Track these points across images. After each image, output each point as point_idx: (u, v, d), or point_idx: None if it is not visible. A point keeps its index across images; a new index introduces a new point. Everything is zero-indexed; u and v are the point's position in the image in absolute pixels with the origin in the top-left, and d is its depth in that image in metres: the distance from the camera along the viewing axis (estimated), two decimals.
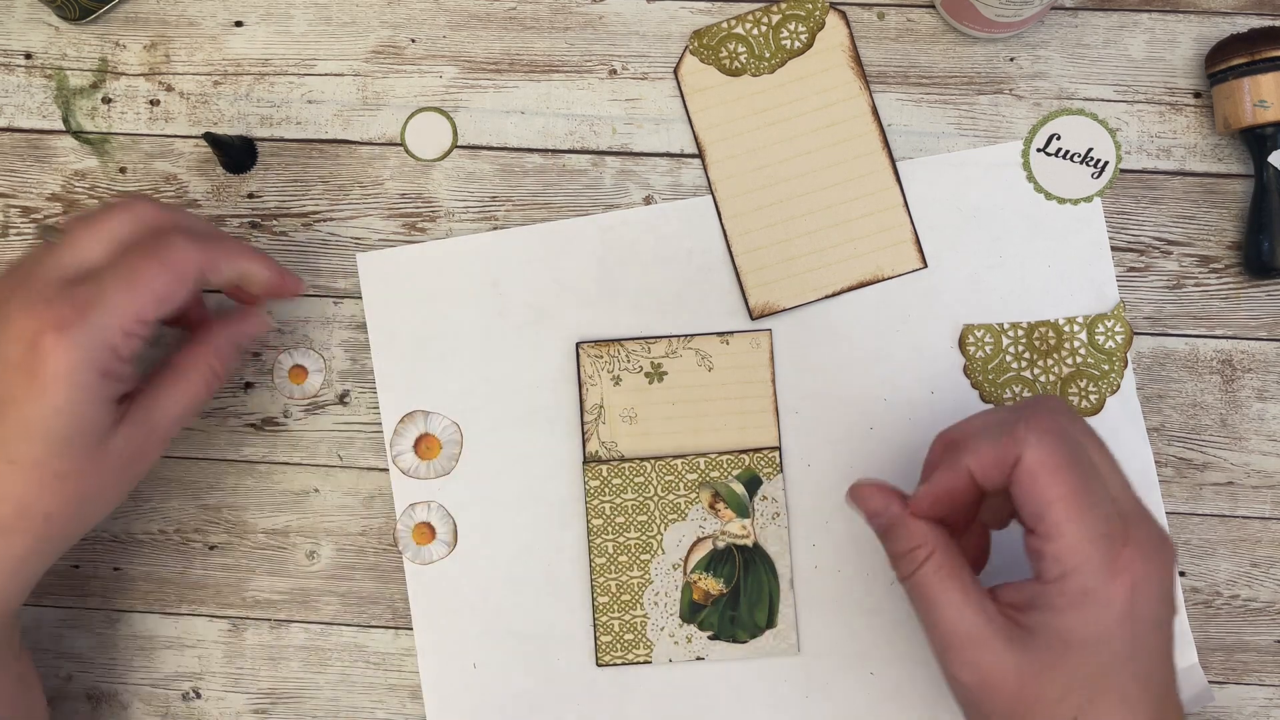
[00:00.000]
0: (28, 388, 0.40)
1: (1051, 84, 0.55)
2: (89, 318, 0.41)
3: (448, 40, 0.56)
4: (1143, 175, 0.55)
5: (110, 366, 0.42)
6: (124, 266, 0.43)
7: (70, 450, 0.41)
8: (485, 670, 0.53)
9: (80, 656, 0.55)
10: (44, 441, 0.41)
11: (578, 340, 0.54)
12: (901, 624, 0.53)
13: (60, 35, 0.57)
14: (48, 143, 0.57)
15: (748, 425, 0.53)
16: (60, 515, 0.42)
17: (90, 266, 0.43)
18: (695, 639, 0.53)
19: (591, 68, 0.56)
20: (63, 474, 0.42)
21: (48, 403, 0.40)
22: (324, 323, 0.55)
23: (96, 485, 0.43)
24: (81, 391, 0.41)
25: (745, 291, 0.54)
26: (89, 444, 0.42)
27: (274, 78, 0.57)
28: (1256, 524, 0.53)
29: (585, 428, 0.54)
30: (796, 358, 0.54)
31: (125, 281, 0.42)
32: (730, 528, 0.53)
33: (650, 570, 0.53)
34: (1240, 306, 0.54)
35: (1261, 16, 0.55)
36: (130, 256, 0.43)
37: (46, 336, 0.40)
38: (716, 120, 0.55)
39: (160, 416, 0.45)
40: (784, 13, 0.55)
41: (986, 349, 0.54)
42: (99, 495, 0.44)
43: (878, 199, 0.54)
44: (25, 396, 0.40)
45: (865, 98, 0.55)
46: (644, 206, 0.55)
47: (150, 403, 0.45)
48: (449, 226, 0.55)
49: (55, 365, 0.40)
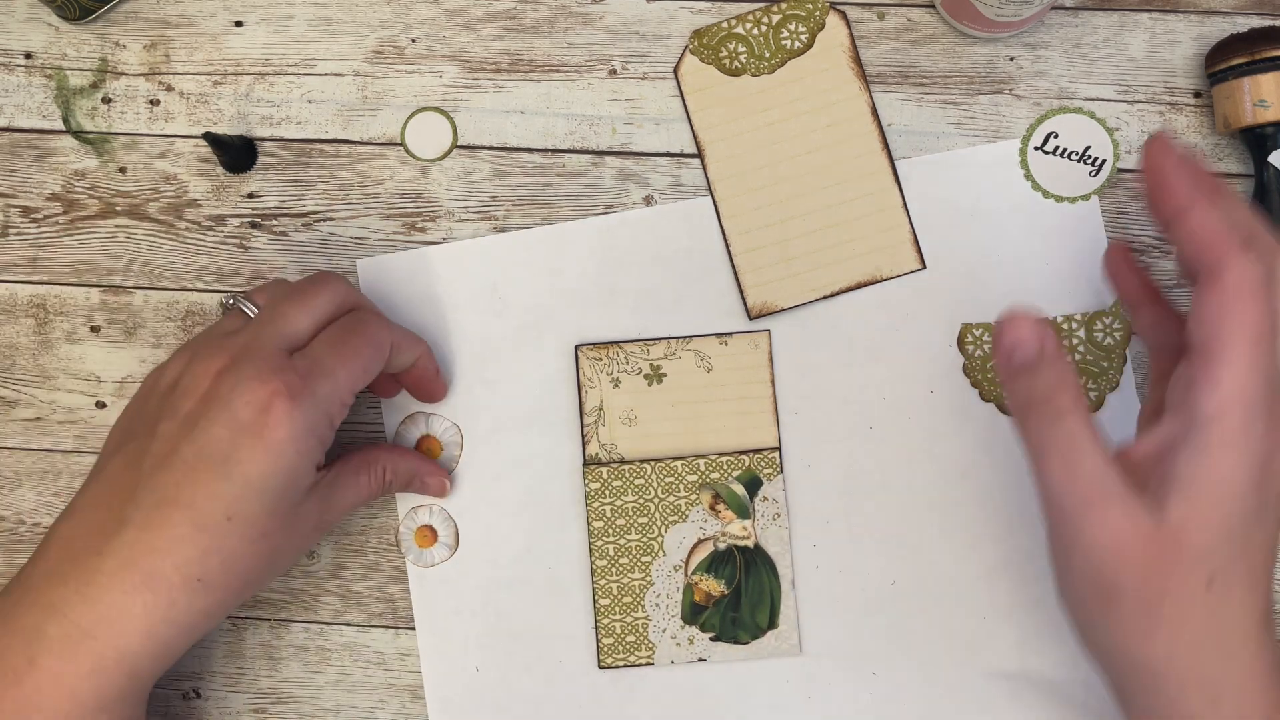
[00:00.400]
0: (254, 449, 0.42)
1: (1051, 84, 0.55)
2: (314, 387, 0.44)
3: (448, 40, 0.56)
4: (1143, 175, 0.54)
5: (325, 435, 0.45)
6: (338, 341, 0.46)
7: (277, 511, 0.44)
8: (487, 673, 0.53)
9: None
10: (260, 500, 0.43)
11: (576, 343, 0.54)
12: (903, 624, 0.53)
13: (60, 35, 0.57)
14: (48, 143, 0.57)
15: (747, 426, 0.53)
16: (254, 575, 0.45)
17: (301, 339, 0.46)
18: (697, 640, 0.53)
19: (591, 68, 0.56)
20: (265, 533, 0.44)
21: (271, 464, 0.43)
22: None
23: (283, 547, 0.45)
24: (301, 457, 0.44)
25: (743, 291, 0.54)
26: (289, 507, 0.44)
27: (274, 78, 0.57)
28: None
29: (585, 430, 0.54)
30: (795, 358, 0.54)
31: (341, 355, 0.45)
32: (731, 529, 0.53)
33: (651, 572, 0.53)
34: None
35: (1261, 16, 0.55)
36: (341, 332, 0.46)
37: (278, 403, 0.43)
38: (716, 120, 0.55)
39: (339, 499, 0.48)
40: (784, 13, 0.55)
41: (985, 347, 0.54)
42: (279, 558, 0.46)
43: (877, 199, 0.54)
44: (251, 457, 0.42)
45: (865, 98, 0.55)
46: (642, 208, 0.55)
47: (334, 481, 0.48)
48: (449, 226, 0.55)
49: (284, 430, 0.43)
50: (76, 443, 0.56)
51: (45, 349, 0.56)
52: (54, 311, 0.56)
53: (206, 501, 0.42)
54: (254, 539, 0.43)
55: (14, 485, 0.56)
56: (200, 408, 0.44)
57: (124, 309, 0.56)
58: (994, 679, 0.52)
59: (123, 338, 0.56)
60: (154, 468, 0.43)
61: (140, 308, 0.56)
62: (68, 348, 0.56)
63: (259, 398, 0.43)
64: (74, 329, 0.56)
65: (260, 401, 0.43)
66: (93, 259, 0.56)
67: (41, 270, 0.56)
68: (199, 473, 0.42)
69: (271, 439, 0.42)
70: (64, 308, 0.56)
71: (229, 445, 0.42)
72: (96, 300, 0.56)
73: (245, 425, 0.42)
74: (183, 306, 0.56)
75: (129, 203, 0.56)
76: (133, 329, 0.56)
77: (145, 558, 0.42)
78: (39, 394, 0.56)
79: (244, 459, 0.42)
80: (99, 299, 0.56)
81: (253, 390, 0.43)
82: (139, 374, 0.56)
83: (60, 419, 0.56)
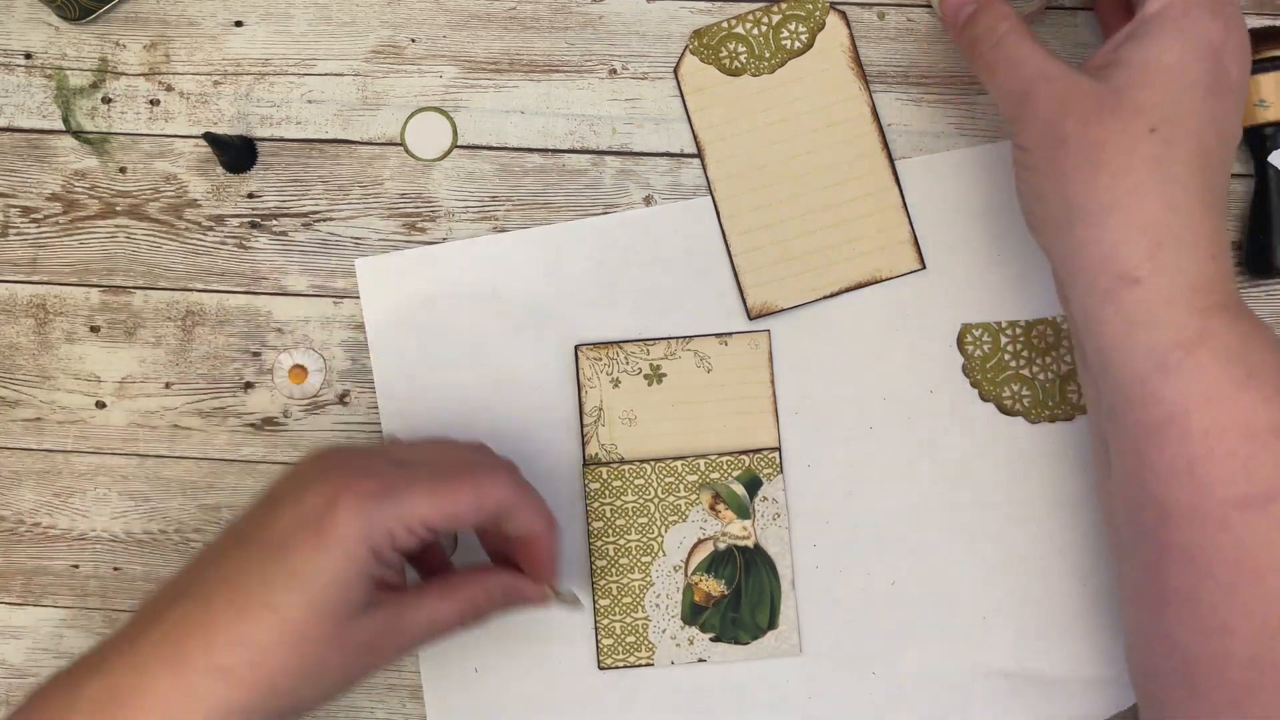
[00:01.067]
0: (306, 540, 0.41)
1: None
2: (387, 498, 0.42)
3: (448, 40, 0.56)
4: None
5: (381, 550, 0.42)
6: (445, 473, 0.44)
7: (322, 615, 0.41)
8: (487, 674, 0.53)
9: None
10: (304, 596, 0.41)
11: (576, 343, 0.54)
12: (903, 624, 0.53)
13: (60, 35, 0.57)
14: (48, 143, 0.57)
15: (747, 426, 0.53)
16: (286, 681, 0.41)
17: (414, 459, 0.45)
18: (697, 641, 0.53)
19: (591, 68, 0.56)
20: (307, 636, 0.41)
21: (321, 561, 0.41)
22: (324, 323, 0.55)
23: (328, 659, 0.42)
24: (352, 561, 0.41)
25: (743, 291, 0.54)
26: (339, 616, 0.42)
27: (274, 78, 0.57)
28: None
29: (585, 430, 0.54)
30: (795, 358, 0.54)
31: (436, 486, 0.43)
32: (731, 529, 0.53)
33: (651, 572, 0.53)
34: None
35: (1261, 16, 0.55)
36: (455, 466, 0.45)
37: (343, 499, 0.41)
38: (716, 120, 0.55)
39: (410, 622, 0.45)
40: (784, 13, 0.55)
41: (985, 347, 0.54)
42: (324, 672, 0.42)
43: (877, 199, 0.54)
44: (303, 549, 0.41)
45: (865, 98, 0.55)
46: (642, 208, 0.55)
47: (407, 603, 0.44)
48: (449, 226, 0.55)
49: (339, 529, 0.41)
50: (76, 443, 0.56)
51: (45, 349, 0.56)
52: (54, 311, 0.56)
53: (251, 584, 0.41)
54: (292, 638, 0.41)
55: (14, 485, 0.56)
56: (282, 493, 0.43)
57: (124, 309, 0.56)
58: (993, 678, 0.52)
59: (123, 338, 0.56)
60: (228, 546, 0.43)
61: (140, 308, 0.56)
62: (68, 348, 0.56)
63: (329, 491, 0.42)
64: (74, 329, 0.56)
65: (329, 494, 0.42)
66: (93, 259, 0.56)
67: (41, 270, 0.56)
68: (254, 555, 0.41)
69: (325, 535, 0.41)
70: (64, 308, 0.56)
71: (288, 531, 0.41)
72: (96, 300, 0.56)
73: (306, 516, 0.41)
74: (183, 306, 0.56)
75: (129, 203, 0.56)
76: (133, 329, 0.56)
77: (183, 636, 0.40)
78: (39, 394, 0.56)
79: (296, 547, 0.41)
80: (99, 299, 0.56)
81: (328, 483, 0.42)
82: (139, 374, 0.56)
83: (60, 419, 0.56)
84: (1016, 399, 0.53)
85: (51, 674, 0.43)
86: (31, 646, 0.55)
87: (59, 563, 0.56)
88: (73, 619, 0.55)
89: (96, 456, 0.56)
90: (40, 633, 0.55)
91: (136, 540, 0.55)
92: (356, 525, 0.41)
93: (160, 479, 0.55)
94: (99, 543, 0.55)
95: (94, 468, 0.56)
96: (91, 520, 0.56)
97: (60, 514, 0.56)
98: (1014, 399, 0.54)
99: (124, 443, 0.56)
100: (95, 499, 0.56)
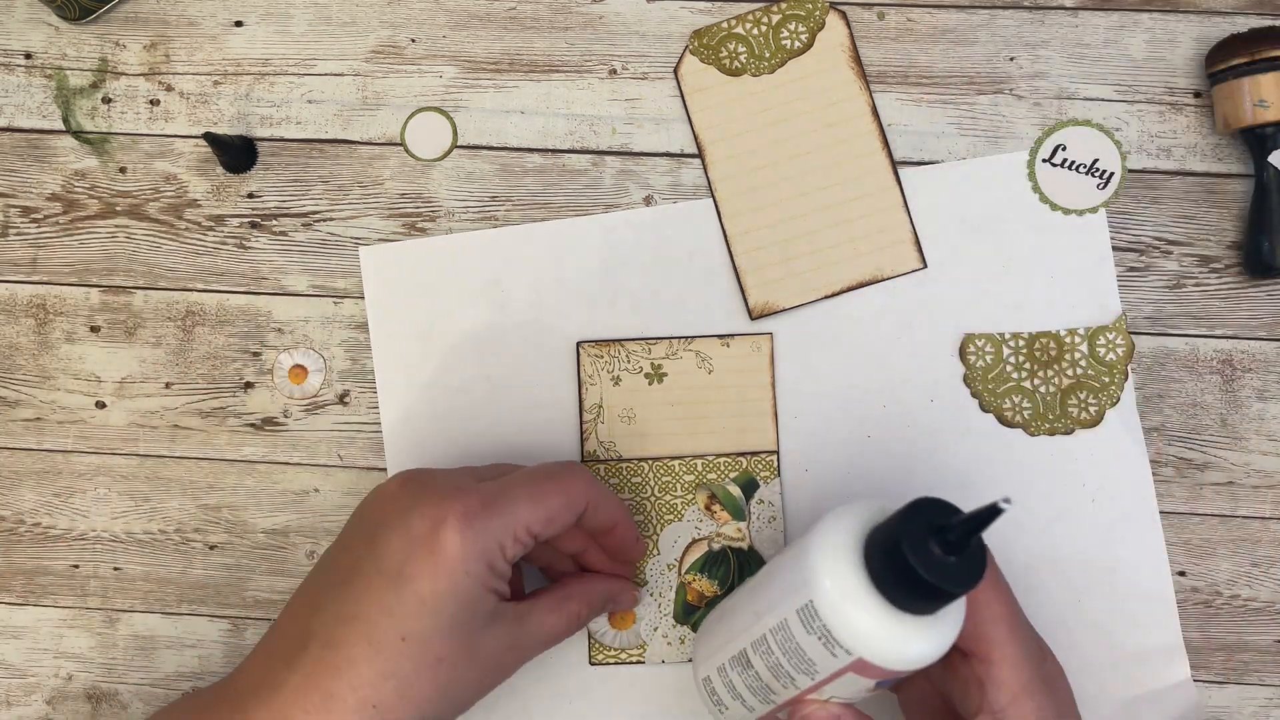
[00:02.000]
0: (424, 564, 0.42)
1: (1051, 84, 0.55)
2: (492, 513, 0.43)
3: (448, 40, 0.56)
4: (1143, 175, 0.54)
5: (495, 563, 0.43)
6: (532, 480, 0.45)
7: (452, 635, 0.42)
8: None
9: (80, 656, 0.55)
10: (435, 621, 0.42)
11: (578, 340, 0.54)
12: None
13: (60, 35, 0.57)
14: (48, 143, 0.57)
15: (746, 428, 0.53)
16: (431, 706, 0.43)
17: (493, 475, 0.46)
18: (689, 640, 0.53)
19: (591, 68, 0.56)
20: (441, 658, 0.42)
21: (443, 584, 0.42)
22: (324, 323, 0.55)
23: (463, 677, 0.43)
24: (471, 579, 0.42)
25: (745, 291, 0.54)
26: (467, 633, 0.43)
27: (274, 78, 0.57)
28: (1256, 524, 0.53)
29: (584, 427, 0.54)
30: (797, 361, 0.54)
31: (529, 493, 0.44)
32: (726, 530, 0.53)
33: (645, 570, 0.53)
34: (1240, 306, 0.54)
35: (1261, 16, 0.55)
36: (538, 473, 0.46)
37: (451, 520, 0.42)
38: (716, 120, 0.55)
39: (529, 632, 0.46)
40: (784, 13, 0.55)
41: (987, 358, 0.54)
42: (460, 690, 0.44)
43: (877, 199, 0.54)
44: (423, 574, 0.42)
45: (865, 98, 0.55)
46: (646, 208, 0.55)
47: (525, 613, 0.46)
48: (449, 226, 0.55)
49: (454, 549, 0.42)
50: (76, 443, 0.56)
51: (45, 349, 0.56)
52: (54, 311, 0.56)
53: (381, 618, 0.41)
54: (430, 664, 0.42)
55: (14, 485, 0.56)
56: (380, 518, 0.44)
57: (124, 309, 0.56)
58: None
59: (123, 338, 0.56)
60: (338, 581, 0.43)
61: (140, 308, 0.56)
62: (68, 348, 0.56)
63: (434, 513, 0.42)
64: (74, 329, 0.56)
65: (434, 516, 0.42)
66: (93, 259, 0.56)
67: (41, 270, 0.56)
68: (374, 588, 0.42)
69: (441, 557, 0.42)
70: (64, 308, 0.56)
71: (402, 558, 0.42)
72: (96, 300, 0.56)
73: (417, 539, 0.42)
74: (183, 307, 0.56)
75: (129, 203, 0.56)
76: (133, 329, 0.56)
77: (325, 678, 0.41)
78: (39, 394, 0.56)
79: (415, 574, 0.42)
80: (99, 299, 0.56)
81: (430, 505, 0.43)
82: (139, 374, 0.56)
83: (60, 419, 0.56)
84: (1017, 411, 0.53)
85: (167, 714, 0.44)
86: (31, 646, 0.55)
87: (59, 563, 0.56)
88: (73, 619, 0.55)
89: (96, 456, 0.56)
90: (40, 633, 0.55)
91: (136, 540, 0.55)
92: (470, 544, 0.42)
93: (160, 479, 0.55)
94: (99, 543, 0.55)
95: (94, 468, 0.56)
96: (91, 520, 0.56)
97: (60, 514, 0.56)
98: (1014, 411, 0.53)
99: (124, 443, 0.56)
100: (95, 499, 0.56)
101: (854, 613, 0.38)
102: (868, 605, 0.38)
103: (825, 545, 0.39)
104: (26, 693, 0.55)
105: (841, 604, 0.38)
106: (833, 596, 0.38)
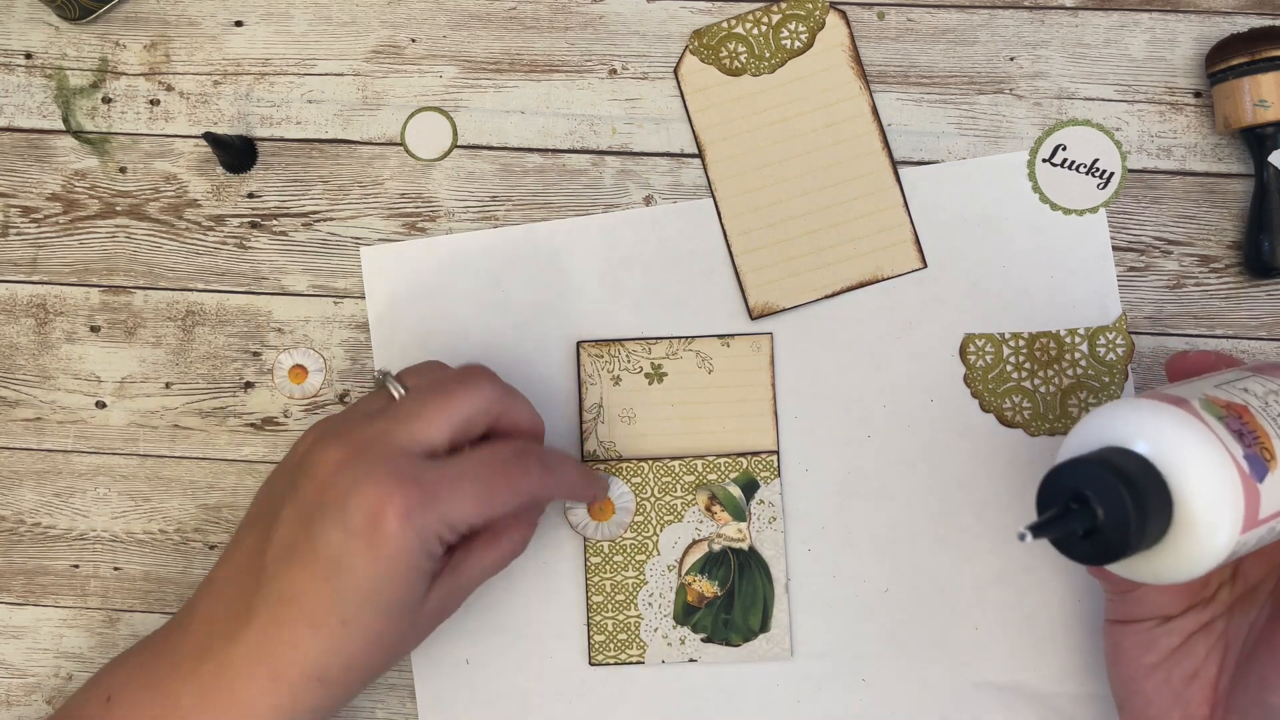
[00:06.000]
0: (363, 556, 0.42)
1: (1052, 84, 0.55)
2: (433, 508, 0.43)
3: (448, 40, 0.56)
4: (1143, 175, 0.54)
5: (433, 550, 0.44)
6: (486, 476, 0.45)
7: (392, 615, 0.44)
8: (478, 667, 0.53)
9: (80, 656, 0.55)
10: (373, 606, 0.43)
11: (578, 339, 0.54)
12: (895, 631, 0.53)
13: (60, 35, 0.57)
14: (48, 142, 0.57)
15: (746, 428, 0.53)
16: (375, 671, 0.45)
17: (437, 447, 0.45)
18: (688, 641, 0.53)
19: (591, 68, 0.56)
20: (386, 634, 0.44)
21: (382, 574, 0.42)
22: (324, 323, 0.55)
23: (406, 638, 0.46)
24: (412, 570, 0.43)
25: (745, 291, 0.54)
26: (406, 609, 0.44)
27: (274, 78, 0.57)
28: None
29: (584, 427, 0.54)
30: (797, 361, 0.54)
31: (477, 490, 0.44)
32: (726, 531, 0.53)
33: (645, 571, 0.53)
34: (1240, 306, 0.54)
35: (1261, 16, 0.55)
36: (495, 467, 0.45)
37: (390, 514, 0.42)
38: (716, 120, 0.55)
39: (466, 577, 0.47)
40: (784, 12, 0.55)
41: (987, 358, 0.54)
42: (405, 647, 0.46)
43: (877, 199, 0.54)
44: (361, 565, 0.42)
45: (865, 98, 0.55)
46: (646, 207, 0.55)
47: (460, 564, 0.47)
48: (449, 226, 0.55)
49: (394, 543, 0.42)
50: (76, 443, 0.56)
51: (45, 349, 0.56)
52: (54, 311, 0.56)
53: (321, 604, 0.42)
54: (372, 639, 0.43)
55: (14, 485, 0.56)
56: (318, 499, 0.43)
57: (124, 309, 0.56)
58: (985, 690, 0.52)
59: (123, 338, 0.56)
60: (276, 559, 0.43)
61: (140, 308, 0.56)
62: (68, 348, 0.56)
63: (371, 503, 0.42)
64: (74, 329, 0.56)
65: (372, 507, 0.42)
66: (93, 259, 0.56)
67: (41, 270, 0.56)
68: (313, 575, 0.42)
69: (381, 548, 0.42)
70: (64, 308, 0.56)
71: (340, 549, 0.42)
72: (96, 300, 0.56)
73: (356, 530, 0.42)
74: (183, 306, 0.56)
75: (129, 203, 0.56)
76: (133, 329, 0.56)
77: (271, 655, 0.43)
78: (39, 394, 0.56)
79: (354, 565, 0.42)
80: (99, 299, 0.56)
81: (366, 494, 0.42)
82: (139, 374, 0.56)
83: (60, 419, 0.56)
84: (1017, 411, 0.53)
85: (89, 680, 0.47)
86: (31, 646, 0.55)
87: (59, 563, 0.56)
88: (73, 619, 0.55)
89: (96, 456, 0.56)
90: (40, 633, 0.55)
91: (136, 540, 0.55)
92: (409, 539, 0.42)
93: (160, 479, 0.55)
94: (99, 543, 0.56)
95: (94, 468, 0.56)
96: (91, 520, 0.56)
97: (60, 514, 0.56)
98: (1015, 411, 0.53)
99: (124, 443, 0.56)
100: (95, 499, 0.56)
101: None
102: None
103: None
104: (26, 693, 0.55)
105: None
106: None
